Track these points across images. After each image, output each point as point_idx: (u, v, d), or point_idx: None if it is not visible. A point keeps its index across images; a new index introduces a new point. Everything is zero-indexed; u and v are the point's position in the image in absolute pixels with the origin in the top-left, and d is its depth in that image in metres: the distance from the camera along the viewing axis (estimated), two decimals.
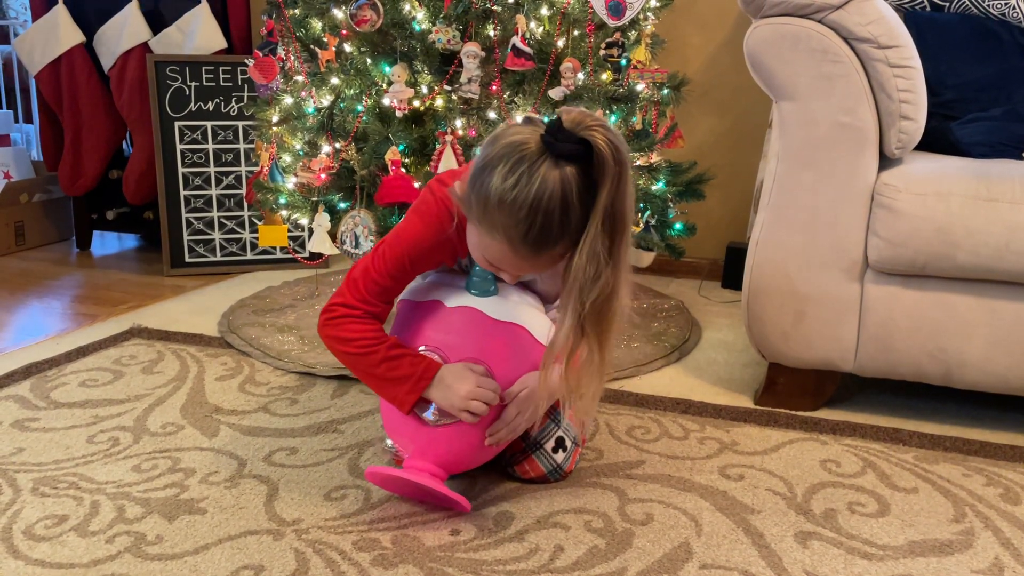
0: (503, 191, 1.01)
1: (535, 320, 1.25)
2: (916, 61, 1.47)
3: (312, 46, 1.92)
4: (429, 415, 1.19)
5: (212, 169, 2.61)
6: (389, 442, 1.22)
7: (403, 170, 1.74)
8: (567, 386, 1.13)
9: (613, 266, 1.04)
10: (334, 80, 1.83)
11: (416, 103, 1.77)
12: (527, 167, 1.01)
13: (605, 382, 1.17)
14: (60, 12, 2.77)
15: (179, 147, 2.58)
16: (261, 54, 2.00)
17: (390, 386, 1.19)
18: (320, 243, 1.86)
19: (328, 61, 1.85)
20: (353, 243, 1.80)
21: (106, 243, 3.08)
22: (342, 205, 1.89)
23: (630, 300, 1.10)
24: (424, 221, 1.19)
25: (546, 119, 1.08)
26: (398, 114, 1.75)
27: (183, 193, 2.59)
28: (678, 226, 2.00)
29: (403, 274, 1.21)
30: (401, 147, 1.74)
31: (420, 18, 1.76)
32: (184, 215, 2.60)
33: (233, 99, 2.61)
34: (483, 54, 1.73)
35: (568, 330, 1.07)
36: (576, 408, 1.18)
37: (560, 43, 1.78)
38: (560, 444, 1.30)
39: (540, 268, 1.14)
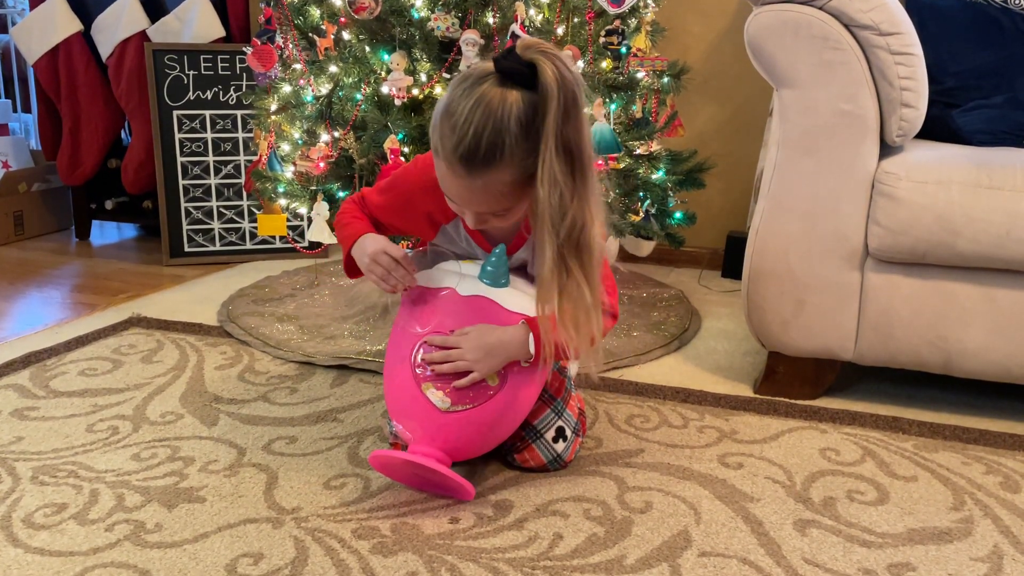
0: (447, 103, 1.04)
1: None
2: (917, 48, 1.46)
3: (310, 34, 1.91)
4: (441, 402, 1.19)
5: (211, 158, 2.61)
6: (391, 427, 1.22)
7: (402, 159, 1.74)
8: (566, 333, 1.12)
9: (580, 199, 1.04)
10: (333, 68, 1.83)
11: (415, 91, 1.76)
12: (472, 82, 1.03)
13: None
14: (57, 1, 2.76)
15: (178, 136, 2.57)
16: (259, 42, 1.99)
17: (344, 244, 1.29)
18: (319, 232, 1.86)
19: (327, 49, 1.84)
20: None
21: (105, 232, 3.08)
22: (341, 194, 1.89)
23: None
24: (421, 162, 1.24)
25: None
26: (397, 102, 1.74)
27: (182, 182, 2.59)
28: (678, 215, 1.99)
29: (394, 198, 1.28)
30: (400, 135, 1.74)
31: (419, 5, 1.75)
32: (183, 204, 2.60)
33: (232, 88, 2.60)
34: (482, 42, 1.72)
35: (551, 262, 1.07)
36: (580, 351, 1.16)
37: (560, 30, 1.77)
38: (560, 434, 1.30)
39: (483, 200, 1.09)
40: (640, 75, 1.87)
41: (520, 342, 1.20)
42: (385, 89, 1.75)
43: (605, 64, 1.81)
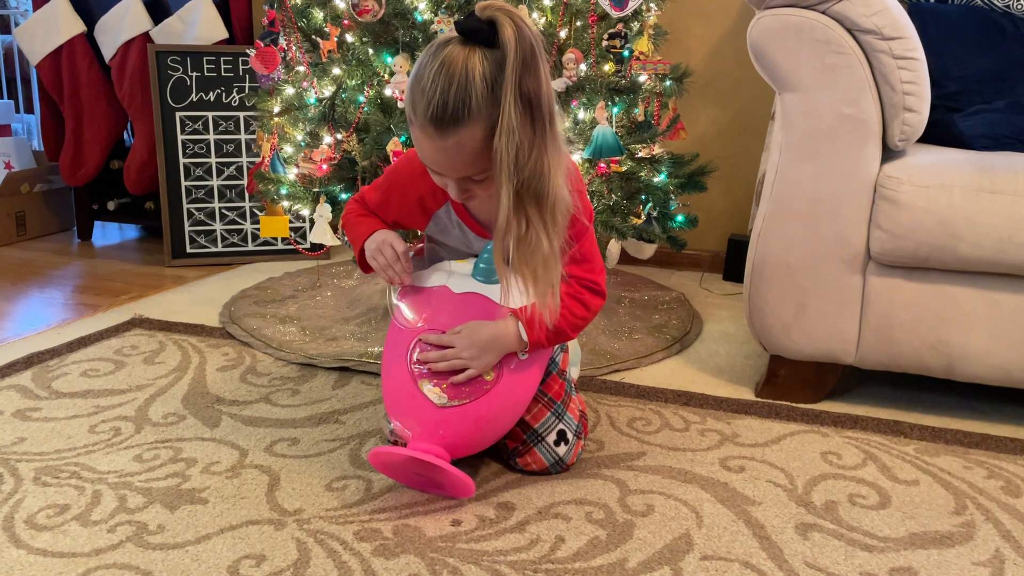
0: (415, 71, 1.08)
1: None
2: (920, 53, 1.47)
3: (314, 36, 1.91)
4: (437, 398, 1.19)
5: (213, 159, 2.61)
6: (390, 427, 1.23)
7: None
8: (523, 277, 1.15)
9: (539, 149, 1.06)
10: (336, 70, 1.83)
11: None
12: (436, 47, 1.06)
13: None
14: (60, 2, 2.76)
15: (180, 137, 2.58)
16: (262, 44, 1.99)
17: (355, 241, 1.34)
18: (321, 234, 1.86)
19: (330, 51, 1.85)
20: None
21: (107, 233, 3.08)
22: (344, 196, 1.89)
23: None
24: (410, 152, 1.29)
25: None
26: (400, 105, 1.75)
27: (184, 183, 2.59)
28: (680, 218, 1.99)
29: (388, 190, 1.31)
30: (403, 138, 1.74)
31: (422, 8, 1.75)
32: (185, 205, 2.60)
33: (234, 89, 2.61)
34: None
35: (506, 209, 1.08)
36: (538, 298, 1.17)
37: (563, 34, 1.77)
38: (562, 437, 1.30)
39: (458, 161, 1.10)
40: (642, 78, 1.87)
41: (512, 334, 1.22)
42: (388, 91, 1.76)
43: (607, 67, 1.81)
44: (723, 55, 2.50)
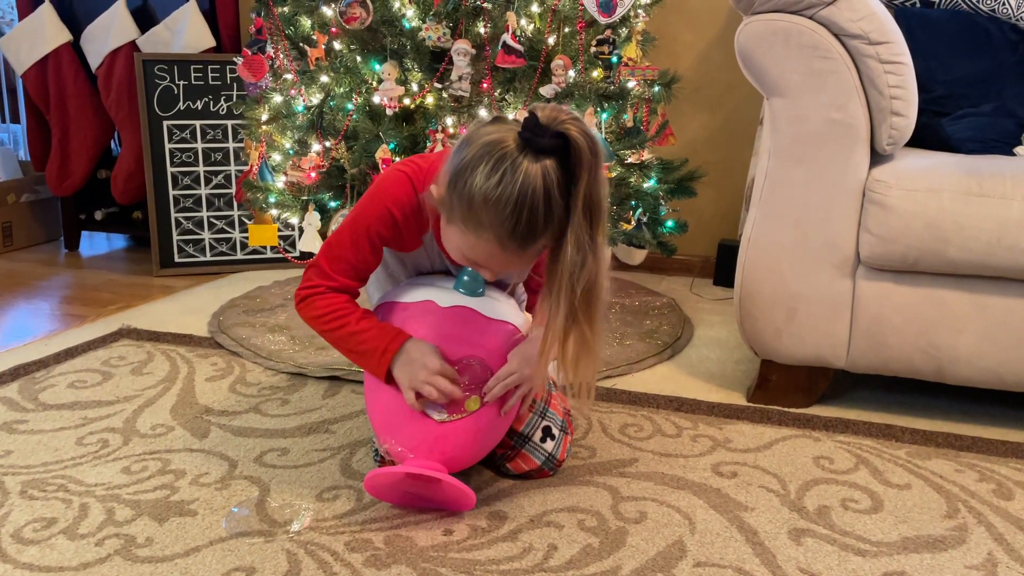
0: (487, 189, 1.02)
1: (520, 318, 1.28)
2: (907, 57, 1.47)
3: (301, 44, 1.91)
4: (436, 414, 1.19)
5: (201, 168, 2.60)
6: (380, 448, 1.22)
7: None
8: (565, 374, 1.14)
9: (594, 252, 1.06)
10: (324, 78, 1.82)
11: (406, 101, 1.76)
12: (509, 164, 1.02)
13: (599, 364, 1.22)
14: (46, 11, 2.75)
15: (168, 146, 2.57)
16: (250, 52, 1.99)
17: (362, 360, 1.22)
18: (310, 242, 1.85)
19: (318, 59, 1.84)
20: None
21: (95, 243, 3.06)
22: (332, 204, 1.88)
23: (609, 283, 1.12)
24: (379, 203, 1.20)
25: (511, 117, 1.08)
26: (388, 112, 1.74)
27: (172, 193, 2.58)
28: (670, 223, 1.99)
29: (359, 243, 1.22)
30: (391, 145, 1.73)
31: (410, 15, 1.75)
32: (173, 215, 2.59)
33: (222, 98, 2.60)
34: (473, 51, 1.72)
35: (563, 319, 1.08)
36: (578, 391, 1.17)
37: (551, 40, 1.77)
38: (547, 433, 1.30)
39: (524, 263, 1.14)
40: (631, 84, 1.87)
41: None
42: (376, 99, 1.75)
43: (596, 73, 1.81)
44: (712, 61, 2.51)
